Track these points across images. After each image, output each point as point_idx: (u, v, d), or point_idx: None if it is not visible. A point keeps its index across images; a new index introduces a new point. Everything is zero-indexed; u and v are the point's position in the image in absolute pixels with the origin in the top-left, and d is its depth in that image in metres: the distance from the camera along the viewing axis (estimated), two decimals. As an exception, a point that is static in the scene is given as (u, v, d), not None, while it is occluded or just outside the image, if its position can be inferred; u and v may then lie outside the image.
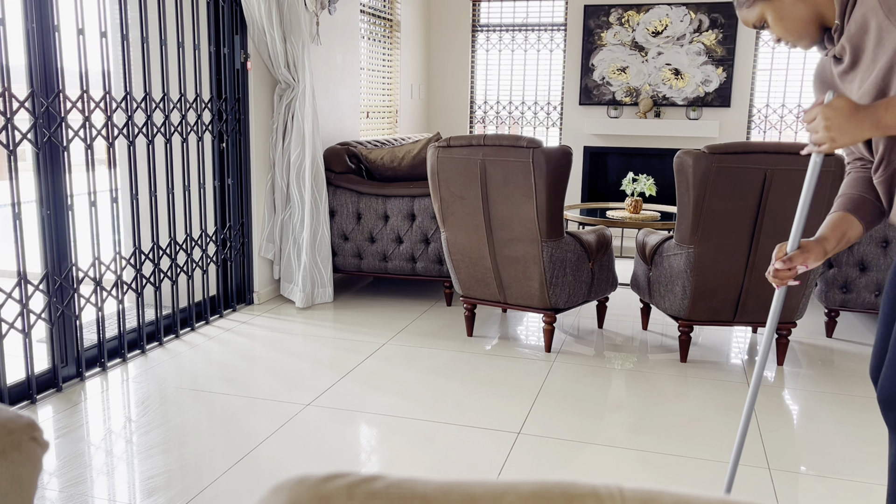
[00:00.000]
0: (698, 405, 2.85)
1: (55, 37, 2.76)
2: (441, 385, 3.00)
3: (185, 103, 3.51)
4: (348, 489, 0.55)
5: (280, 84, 4.09)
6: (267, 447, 2.43)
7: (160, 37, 3.36)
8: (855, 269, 3.59)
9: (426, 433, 2.57)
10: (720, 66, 6.17)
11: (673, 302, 3.26)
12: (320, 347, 3.45)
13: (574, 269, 3.32)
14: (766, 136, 6.27)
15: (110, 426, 2.58)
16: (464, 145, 3.27)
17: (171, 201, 3.47)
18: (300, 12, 3.93)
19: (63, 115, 2.81)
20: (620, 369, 3.23)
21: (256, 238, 4.15)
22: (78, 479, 2.20)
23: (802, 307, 3.23)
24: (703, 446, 2.50)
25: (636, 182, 4.50)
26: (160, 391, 2.89)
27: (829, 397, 2.96)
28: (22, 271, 2.69)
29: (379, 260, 4.23)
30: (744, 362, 3.37)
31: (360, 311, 4.10)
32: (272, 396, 2.85)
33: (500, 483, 0.56)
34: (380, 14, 5.72)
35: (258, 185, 4.11)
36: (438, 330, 3.77)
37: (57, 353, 2.89)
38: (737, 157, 2.96)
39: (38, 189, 2.77)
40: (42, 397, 2.82)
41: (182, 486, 2.17)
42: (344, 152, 4.31)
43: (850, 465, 2.39)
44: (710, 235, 3.07)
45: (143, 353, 3.35)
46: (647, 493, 0.54)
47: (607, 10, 6.34)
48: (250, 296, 4.19)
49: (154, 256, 3.42)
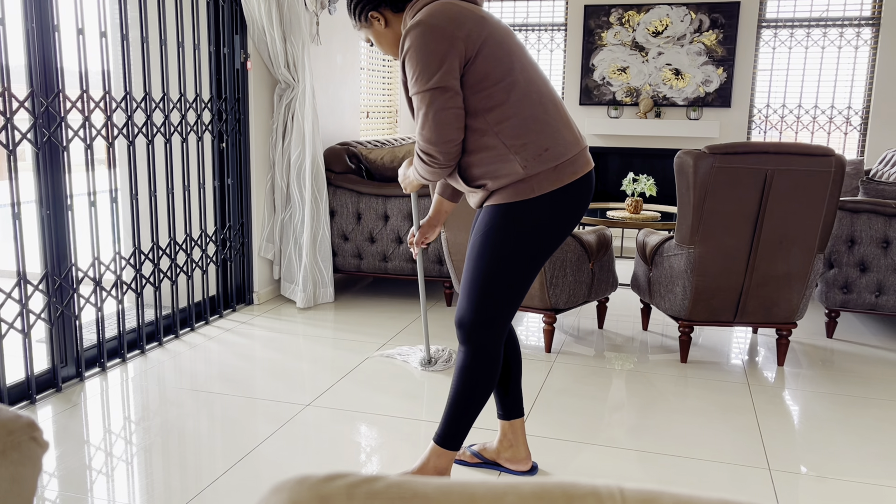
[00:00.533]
0: (698, 405, 2.85)
1: (55, 37, 2.76)
2: (441, 385, 3.00)
3: (185, 103, 3.51)
4: (348, 489, 0.55)
5: (280, 84, 4.08)
6: (267, 447, 2.43)
7: (160, 37, 3.36)
8: (855, 269, 3.59)
9: (426, 433, 2.57)
10: (720, 66, 6.17)
11: (673, 302, 3.26)
12: (320, 348, 3.45)
13: (574, 270, 3.32)
14: (767, 137, 6.27)
15: (110, 426, 2.58)
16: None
17: (171, 201, 3.47)
18: (300, 12, 3.93)
19: (63, 115, 2.81)
20: (620, 370, 3.23)
21: (256, 238, 4.15)
22: (77, 480, 2.20)
23: (803, 308, 3.23)
24: (703, 446, 2.50)
25: (636, 182, 4.50)
26: (160, 391, 2.89)
27: (829, 398, 2.96)
28: (21, 271, 2.69)
29: (379, 260, 4.23)
30: (744, 363, 3.37)
31: (360, 311, 4.10)
32: (272, 397, 2.85)
33: (501, 483, 0.56)
34: (380, 14, 5.72)
35: (258, 185, 4.11)
36: (438, 330, 3.76)
37: (56, 354, 2.89)
38: (737, 157, 2.96)
39: (37, 189, 2.77)
40: (42, 397, 2.82)
41: (182, 486, 2.17)
42: (344, 152, 4.31)
43: (850, 465, 2.39)
44: (710, 236, 3.07)
45: (143, 353, 3.34)
46: (647, 493, 0.54)
47: (608, 10, 6.34)
48: (250, 296, 4.18)
49: (154, 256, 3.42)
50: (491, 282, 1.98)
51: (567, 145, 1.95)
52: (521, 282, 1.99)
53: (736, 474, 2.31)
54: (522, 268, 1.98)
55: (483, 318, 2.00)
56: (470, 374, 2.04)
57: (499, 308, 2.00)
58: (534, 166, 1.90)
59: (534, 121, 1.91)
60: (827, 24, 6.00)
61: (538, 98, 1.93)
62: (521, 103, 1.91)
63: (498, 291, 1.98)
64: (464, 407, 2.05)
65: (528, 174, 1.90)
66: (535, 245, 1.96)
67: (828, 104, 6.11)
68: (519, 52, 1.96)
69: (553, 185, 1.92)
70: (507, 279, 1.97)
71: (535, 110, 1.92)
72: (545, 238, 1.97)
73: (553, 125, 1.93)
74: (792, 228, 3.05)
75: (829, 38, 6.02)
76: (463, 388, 2.05)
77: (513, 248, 1.95)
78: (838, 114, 6.10)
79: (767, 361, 3.39)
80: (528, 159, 1.90)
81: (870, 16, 5.92)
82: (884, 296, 3.57)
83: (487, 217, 1.97)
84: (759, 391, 3.01)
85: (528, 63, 1.97)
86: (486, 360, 2.03)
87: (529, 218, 1.94)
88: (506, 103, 1.89)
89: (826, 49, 6.05)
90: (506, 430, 2.29)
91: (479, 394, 2.05)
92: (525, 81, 1.93)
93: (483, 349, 2.02)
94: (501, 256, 1.96)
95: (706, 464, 2.38)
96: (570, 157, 1.95)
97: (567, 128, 1.97)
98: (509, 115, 1.90)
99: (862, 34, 5.95)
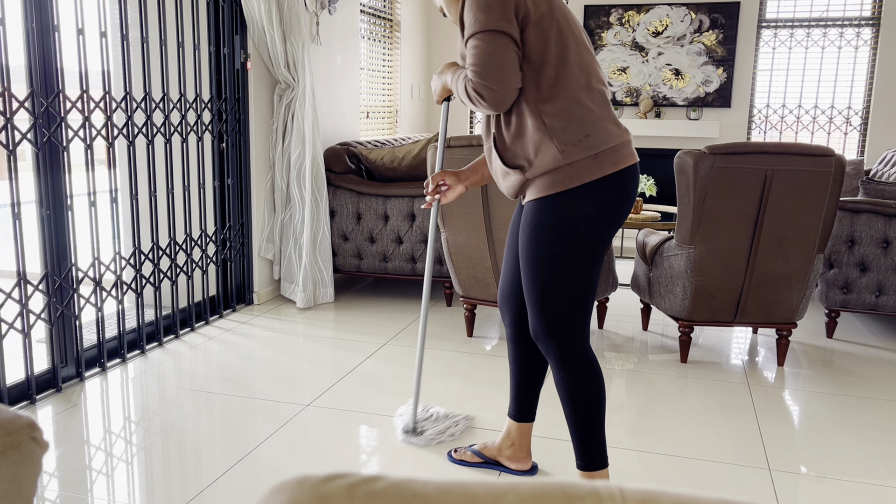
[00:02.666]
0: (698, 405, 2.85)
1: (55, 37, 2.76)
2: (441, 385, 3.00)
3: (185, 103, 3.51)
4: (348, 489, 0.55)
5: (280, 84, 4.08)
6: (267, 447, 2.43)
7: (160, 37, 3.36)
8: (855, 269, 3.59)
9: (426, 433, 2.56)
10: (720, 66, 6.17)
11: (673, 302, 3.26)
12: (320, 348, 3.45)
13: (574, 270, 3.32)
14: (767, 137, 6.27)
15: (110, 426, 2.58)
16: (464, 145, 3.27)
17: (171, 201, 3.47)
18: (300, 12, 3.93)
19: (63, 115, 2.81)
20: (621, 370, 3.23)
21: (256, 238, 4.15)
22: (77, 480, 2.20)
23: (803, 308, 3.23)
24: (703, 446, 2.50)
25: (636, 182, 4.50)
26: (160, 391, 2.89)
27: (829, 398, 2.96)
28: (21, 271, 2.69)
29: (379, 260, 4.23)
30: (744, 363, 3.37)
31: (360, 311, 4.10)
32: (272, 397, 2.85)
33: (501, 483, 0.56)
34: (380, 14, 5.72)
35: (258, 185, 4.11)
36: (438, 330, 3.76)
37: (56, 354, 2.89)
38: (737, 157, 2.96)
39: (37, 189, 2.77)
40: (42, 398, 2.82)
41: (182, 486, 2.17)
42: (344, 152, 4.31)
43: (850, 465, 2.39)
44: (710, 236, 3.07)
45: (143, 353, 3.34)
46: (647, 493, 0.54)
47: (608, 11, 6.34)
48: (250, 296, 4.18)
49: (154, 257, 3.42)
50: (549, 285, 1.88)
51: (610, 135, 1.85)
52: (580, 278, 1.87)
53: (736, 474, 2.31)
54: (578, 264, 1.86)
55: (554, 325, 1.90)
56: (568, 387, 1.93)
57: (567, 310, 1.89)
58: (572, 152, 1.81)
59: (578, 106, 1.83)
60: (827, 24, 6.00)
61: (587, 85, 1.85)
62: (568, 86, 1.83)
63: (561, 293, 1.87)
64: (586, 423, 1.94)
65: (566, 161, 1.81)
66: (586, 239, 1.85)
67: (828, 104, 6.11)
68: (577, 36, 1.88)
69: (593, 175, 1.82)
70: (566, 279, 1.87)
71: (582, 96, 1.84)
72: (595, 231, 1.86)
73: (597, 114, 1.85)
74: (792, 228, 3.05)
75: (829, 39, 6.02)
76: (574, 406, 1.93)
77: (564, 246, 1.85)
78: (838, 114, 6.10)
79: (767, 361, 3.39)
80: (566, 144, 1.81)
81: (870, 16, 5.92)
82: (884, 296, 3.57)
83: (529, 215, 1.89)
84: (759, 391, 3.01)
85: (585, 50, 1.89)
86: (577, 366, 1.92)
87: (573, 211, 1.83)
88: (553, 83, 1.82)
89: (826, 49, 6.05)
90: (512, 429, 2.25)
91: (593, 403, 1.93)
92: (578, 65, 1.85)
93: (568, 358, 1.91)
94: (553, 256, 1.86)
95: (706, 464, 2.38)
96: (611, 146, 1.85)
97: (612, 118, 1.89)
98: (554, 95, 1.82)
99: (862, 34, 5.95)
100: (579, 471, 2.00)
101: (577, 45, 1.87)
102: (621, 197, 1.87)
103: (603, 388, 1.96)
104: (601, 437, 1.96)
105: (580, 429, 1.94)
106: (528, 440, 2.25)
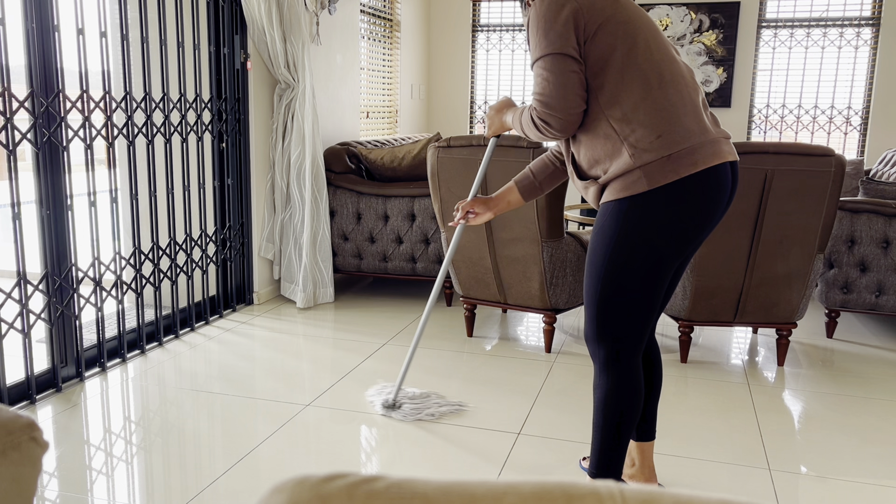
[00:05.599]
0: (698, 405, 2.85)
1: (55, 37, 2.76)
2: (441, 385, 3.00)
3: (185, 103, 3.51)
4: (348, 489, 0.55)
5: (280, 84, 4.08)
6: (267, 447, 2.43)
7: (160, 37, 3.36)
8: (855, 269, 3.59)
9: (426, 433, 2.57)
10: (720, 66, 6.17)
11: (673, 302, 3.26)
12: (320, 348, 3.45)
13: (574, 270, 3.32)
14: (767, 137, 6.27)
15: (110, 426, 2.58)
16: (464, 145, 3.27)
17: (171, 201, 3.47)
18: (300, 12, 3.93)
19: (63, 115, 2.81)
20: (620, 369, 3.23)
21: (256, 238, 4.15)
22: (77, 480, 2.20)
23: (803, 308, 3.23)
24: (703, 446, 2.50)
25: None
26: (160, 391, 2.89)
27: (829, 398, 2.96)
28: (21, 271, 2.69)
29: (379, 260, 4.23)
30: (744, 363, 3.37)
31: (360, 311, 4.10)
32: (272, 397, 2.85)
33: (501, 483, 0.56)
34: (380, 14, 5.72)
35: (258, 185, 4.11)
36: (438, 330, 3.76)
37: (56, 354, 2.89)
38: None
39: (37, 189, 2.77)
40: (41, 397, 2.82)
41: (182, 486, 2.17)
42: (344, 152, 4.31)
43: (850, 465, 2.39)
44: (710, 236, 3.07)
45: (143, 353, 3.34)
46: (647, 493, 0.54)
47: (607, 11, 6.34)
48: (250, 296, 4.18)
49: (154, 256, 3.42)
50: (606, 291, 1.81)
51: (687, 133, 1.75)
52: (641, 289, 1.80)
53: (736, 474, 2.31)
54: (641, 274, 1.78)
55: (604, 331, 1.85)
56: (604, 394, 1.87)
57: (619, 318, 1.82)
58: (642, 155, 1.73)
59: (648, 105, 1.75)
60: (827, 24, 6.00)
61: (658, 82, 1.77)
62: (635, 85, 1.76)
63: (617, 301, 1.81)
64: (612, 435, 1.88)
65: (637, 164, 1.73)
66: (651, 247, 1.76)
67: (828, 104, 6.11)
68: (647, 33, 1.81)
69: (666, 178, 1.72)
70: (625, 287, 1.79)
71: (653, 94, 1.76)
72: (662, 240, 1.76)
73: (672, 111, 1.75)
74: (792, 228, 3.05)
75: (829, 39, 6.02)
76: (605, 414, 1.88)
77: (628, 252, 1.77)
78: (838, 114, 6.10)
79: (767, 361, 3.39)
80: (636, 147, 1.73)
81: (870, 16, 5.92)
82: (884, 296, 3.57)
83: (600, 216, 1.83)
84: (759, 391, 3.01)
85: (658, 48, 1.82)
86: (619, 377, 1.86)
87: (642, 217, 1.75)
88: (619, 85, 1.76)
89: (826, 49, 6.05)
90: (631, 449, 2.16)
91: (625, 417, 1.87)
92: (647, 63, 1.78)
93: (611, 365, 1.86)
94: (615, 261, 1.79)
95: (706, 464, 2.38)
96: (688, 146, 1.74)
97: (692, 116, 1.78)
98: (621, 98, 1.76)
99: (862, 34, 5.95)
100: (589, 477, 1.97)
101: (647, 42, 1.81)
102: (703, 199, 1.75)
103: (639, 406, 1.89)
104: (622, 452, 1.90)
105: (604, 438, 1.89)
106: (649, 460, 2.14)
